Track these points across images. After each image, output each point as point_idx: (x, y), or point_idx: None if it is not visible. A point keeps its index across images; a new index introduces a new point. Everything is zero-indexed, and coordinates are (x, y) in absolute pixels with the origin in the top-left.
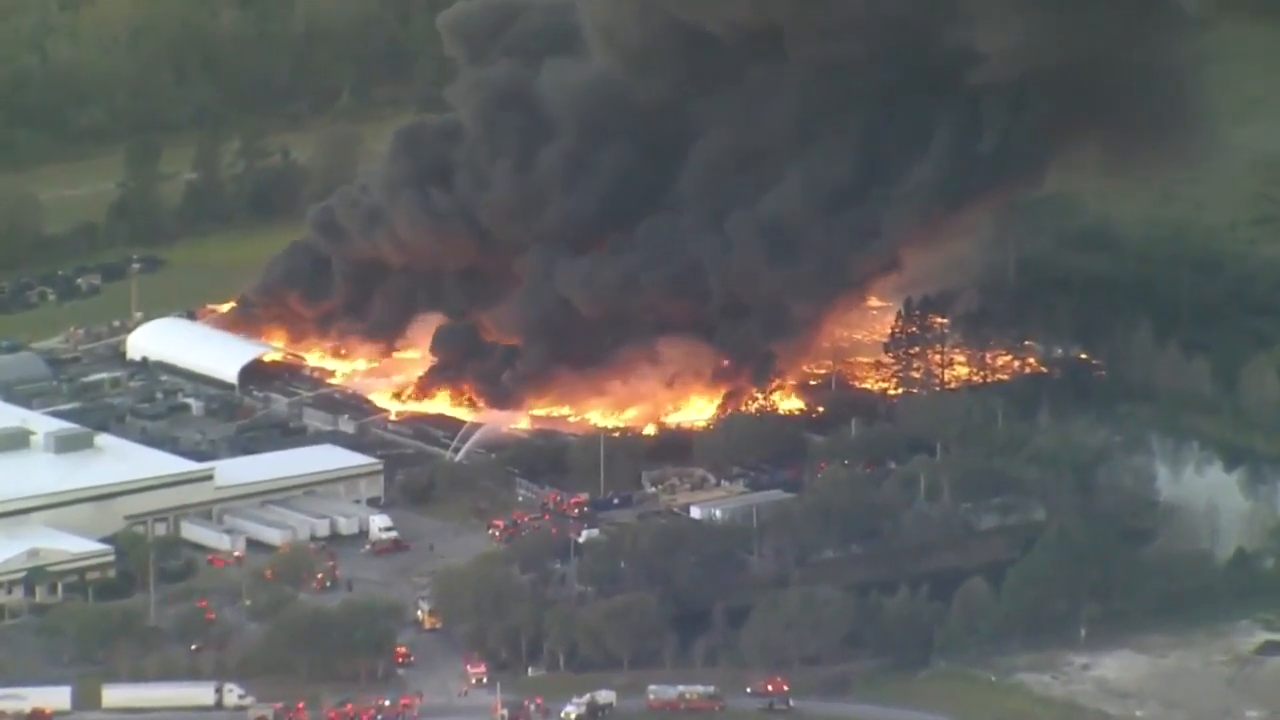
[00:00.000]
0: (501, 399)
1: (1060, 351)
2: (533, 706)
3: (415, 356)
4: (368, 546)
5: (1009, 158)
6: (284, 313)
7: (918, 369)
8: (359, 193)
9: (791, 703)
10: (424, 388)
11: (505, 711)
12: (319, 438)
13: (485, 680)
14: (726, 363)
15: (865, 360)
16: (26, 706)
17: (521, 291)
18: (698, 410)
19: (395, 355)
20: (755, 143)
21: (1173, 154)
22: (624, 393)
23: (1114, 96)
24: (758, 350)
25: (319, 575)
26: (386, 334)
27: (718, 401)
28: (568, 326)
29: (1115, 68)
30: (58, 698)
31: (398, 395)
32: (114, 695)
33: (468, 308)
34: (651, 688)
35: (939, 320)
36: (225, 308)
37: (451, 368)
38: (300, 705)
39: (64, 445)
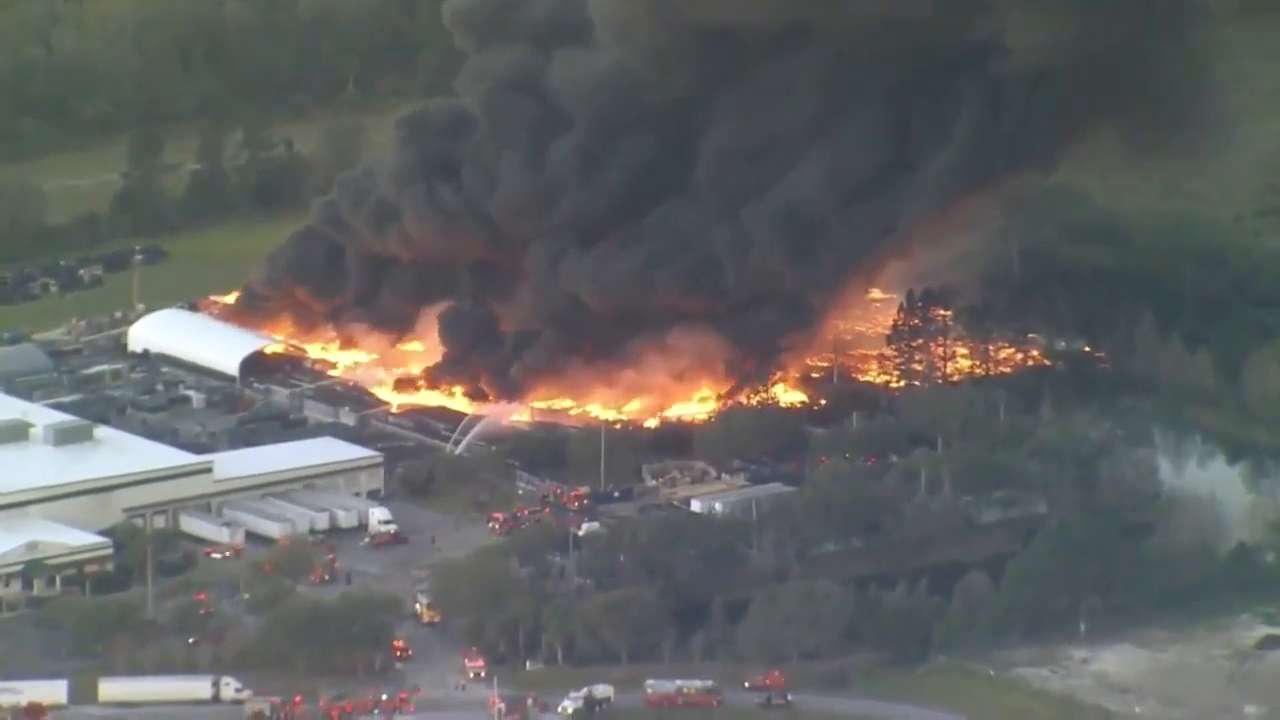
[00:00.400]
0: (510, 390)
1: (1063, 344)
2: (530, 701)
3: (419, 349)
4: (367, 539)
5: (1027, 142)
6: (290, 303)
7: (919, 362)
8: (363, 179)
9: (790, 697)
10: (435, 378)
11: (502, 705)
12: (319, 430)
13: (483, 674)
14: (738, 355)
15: (868, 353)
16: (23, 700)
17: (529, 285)
18: (706, 402)
19: (399, 347)
20: (772, 133)
21: (1186, 146)
22: (635, 385)
23: (1130, 86)
24: (770, 341)
25: (317, 568)
26: (396, 325)
27: (725, 393)
28: (577, 319)
29: (1133, 58)
30: (54, 691)
31: (407, 385)
32: (111, 689)
33: (481, 298)
34: (649, 682)
35: (941, 313)
36: (228, 299)
37: (461, 360)
38: (297, 699)
39: (63, 437)
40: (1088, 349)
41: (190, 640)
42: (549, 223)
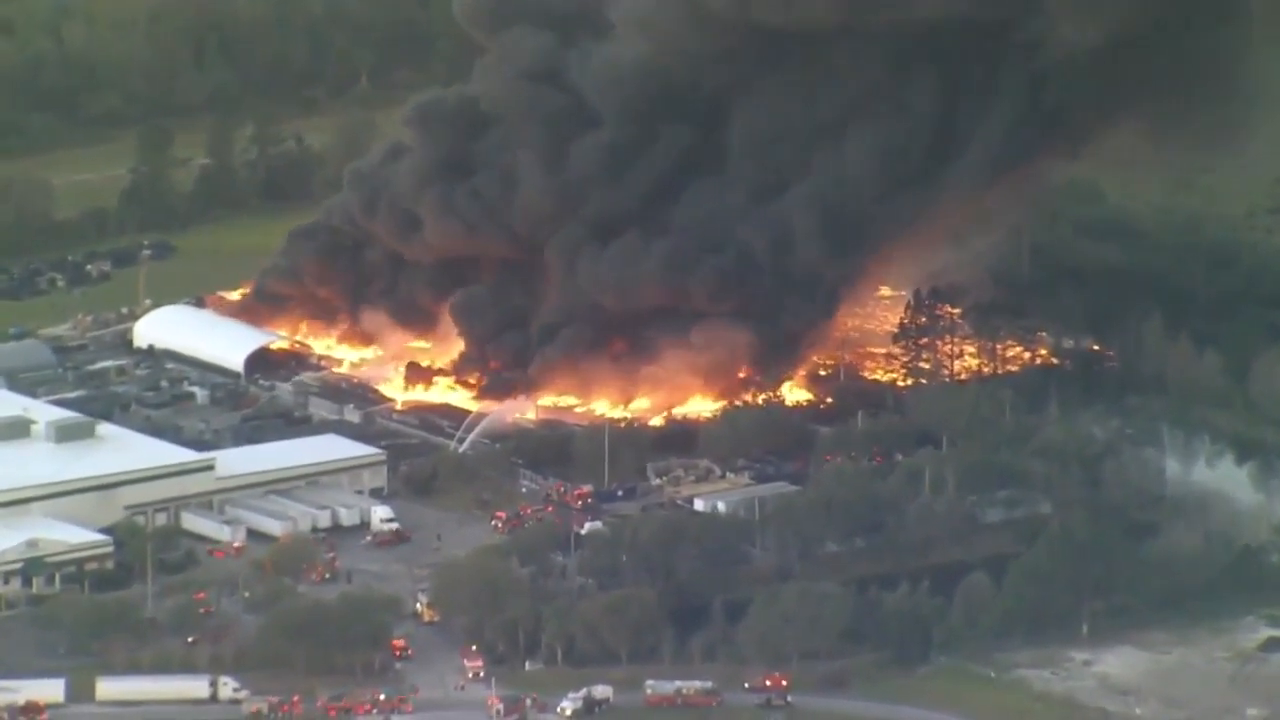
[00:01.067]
0: (528, 385)
1: (1071, 343)
2: (529, 701)
3: (425, 346)
4: (369, 538)
5: (1062, 124)
6: (304, 298)
7: (927, 360)
8: (374, 178)
9: (789, 698)
10: (461, 369)
11: (501, 706)
12: (324, 427)
13: (482, 674)
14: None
15: (875, 351)
16: (20, 699)
17: (551, 280)
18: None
19: (409, 345)
20: (811, 119)
21: (1211, 137)
22: (658, 382)
23: (1164, 70)
24: (797, 334)
25: (318, 567)
26: (418, 319)
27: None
28: (599, 315)
29: (1169, 42)
30: (52, 690)
31: (421, 376)
32: (108, 688)
33: (503, 290)
34: (649, 683)
35: (950, 310)
36: (235, 295)
37: (480, 350)
38: (295, 699)
39: (64, 434)
40: (1096, 347)
41: (189, 639)
42: (570, 221)
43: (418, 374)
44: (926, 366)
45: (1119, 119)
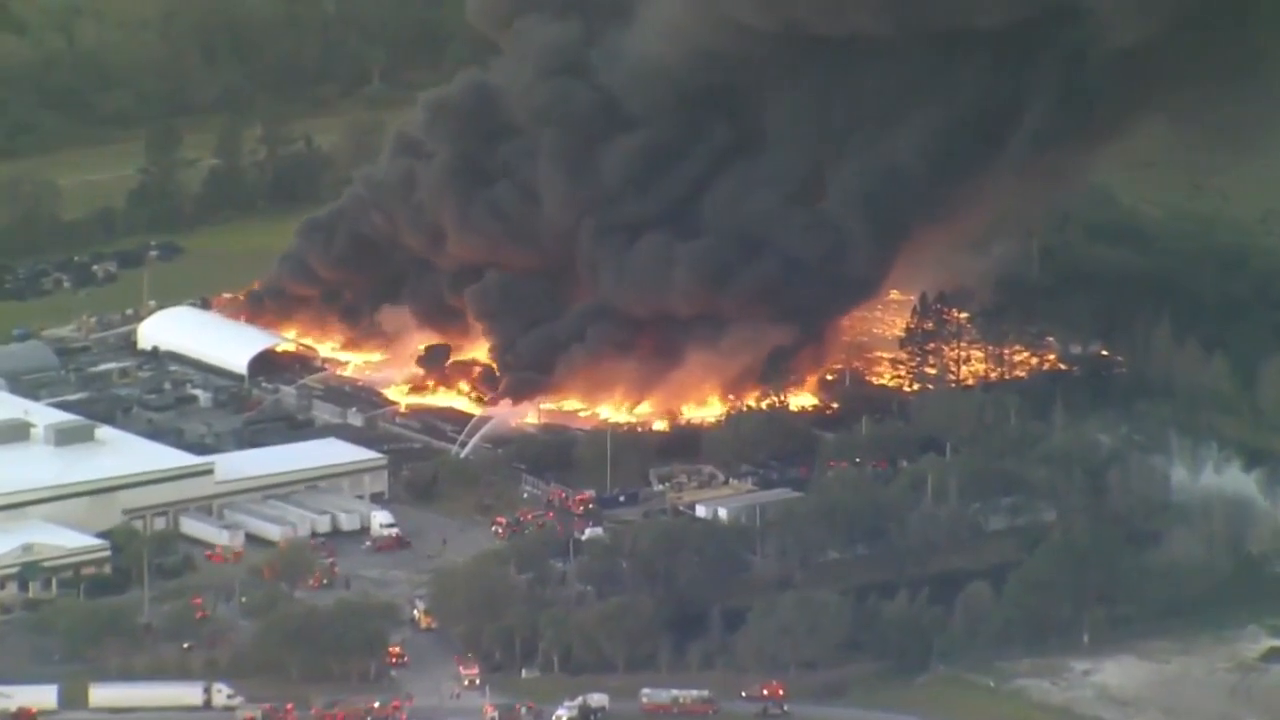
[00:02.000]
0: (552, 388)
1: (1079, 348)
2: (524, 709)
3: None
4: (368, 543)
5: (1091, 120)
6: (318, 297)
7: (933, 365)
8: (389, 184)
9: (786, 707)
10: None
11: (496, 714)
12: (327, 431)
13: (477, 682)
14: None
15: (882, 355)
16: (12, 705)
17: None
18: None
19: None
20: (849, 118)
21: (1232, 135)
22: (685, 387)
23: (1190, 70)
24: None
25: (317, 572)
26: (446, 319)
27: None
28: (625, 318)
29: (1198, 43)
30: (44, 697)
31: (444, 371)
32: (101, 694)
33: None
34: (645, 691)
35: (956, 315)
36: (242, 296)
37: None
38: (289, 706)
39: (64, 438)
40: (1104, 353)
41: (185, 645)
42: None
43: (433, 360)
44: (932, 372)
45: (1144, 114)
